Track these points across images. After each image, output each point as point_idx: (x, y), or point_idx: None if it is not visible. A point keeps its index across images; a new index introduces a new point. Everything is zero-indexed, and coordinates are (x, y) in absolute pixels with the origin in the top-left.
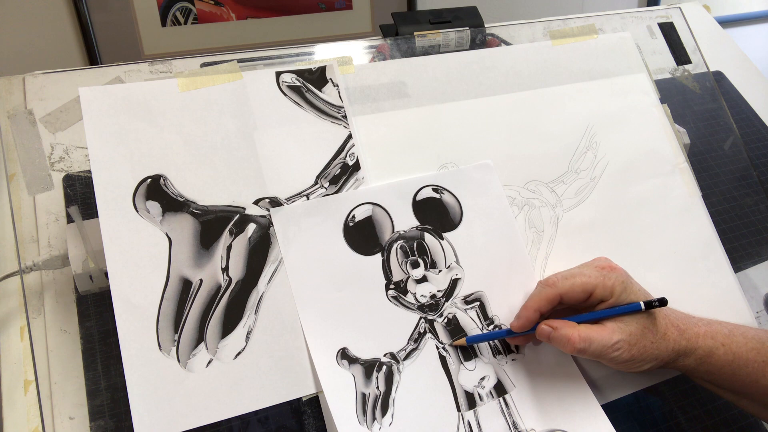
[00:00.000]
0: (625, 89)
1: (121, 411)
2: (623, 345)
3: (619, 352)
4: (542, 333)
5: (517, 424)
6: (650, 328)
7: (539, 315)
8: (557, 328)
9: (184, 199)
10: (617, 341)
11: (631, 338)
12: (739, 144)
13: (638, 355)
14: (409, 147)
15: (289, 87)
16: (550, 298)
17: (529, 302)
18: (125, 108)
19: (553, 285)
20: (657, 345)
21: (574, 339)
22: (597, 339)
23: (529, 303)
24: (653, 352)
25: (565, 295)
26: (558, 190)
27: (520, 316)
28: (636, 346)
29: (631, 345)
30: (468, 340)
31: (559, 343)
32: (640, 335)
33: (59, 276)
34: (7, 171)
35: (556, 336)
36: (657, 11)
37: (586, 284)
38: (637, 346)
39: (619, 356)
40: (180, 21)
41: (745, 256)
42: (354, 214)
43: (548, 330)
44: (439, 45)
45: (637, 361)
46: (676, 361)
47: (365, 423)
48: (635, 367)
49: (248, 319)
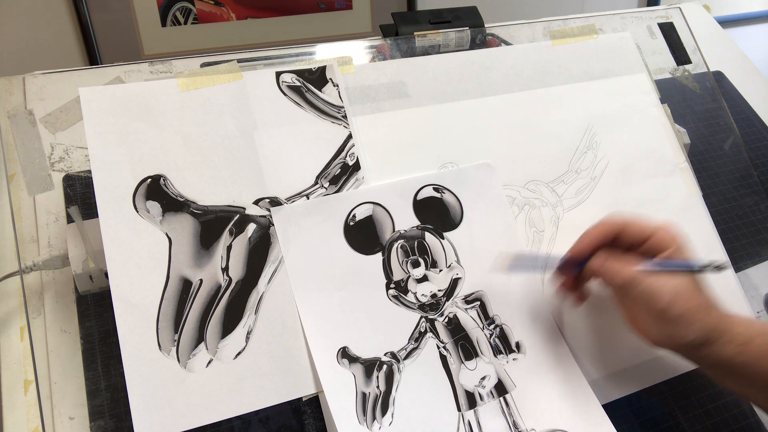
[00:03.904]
0: (625, 89)
1: (121, 411)
2: (677, 297)
3: (672, 303)
4: (594, 262)
5: (517, 424)
6: (702, 291)
7: (598, 244)
8: (610, 258)
9: (184, 199)
10: (672, 289)
11: (686, 293)
12: (739, 144)
13: (688, 315)
14: (409, 147)
15: (289, 87)
16: (611, 224)
17: (588, 232)
18: (125, 108)
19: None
20: (706, 314)
21: (627, 269)
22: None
23: (588, 233)
24: (702, 319)
25: (626, 226)
26: (558, 190)
27: (578, 241)
28: (688, 302)
29: (684, 300)
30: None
31: (611, 272)
32: (693, 291)
33: (59, 276)
34: (7, 171)
35: (608, 265)
36: (657, 11)
37: (647, 226)
38: (689, 304)
39: (671, 308)
40: (180, 21)
41: (745, 256)
42: (354, 214)
43: (603, 258)
44: (439, 45)
45: (684, 323)
46: (714, 344)
47: (365, 422)
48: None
49: (248, 319)
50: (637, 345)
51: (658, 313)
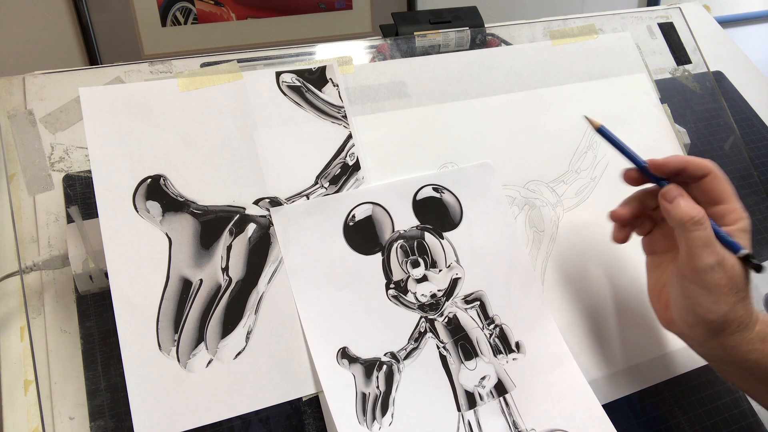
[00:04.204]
0: (625, 89)
1: (121, 411)
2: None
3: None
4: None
5: (517, 424)
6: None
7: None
8: (685, 195)
9: (184, 199)
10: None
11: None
12: (739, 144)
13: (722, 289)
14: (409, 147)
15: (289, 87)
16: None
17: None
18: (125, 108)
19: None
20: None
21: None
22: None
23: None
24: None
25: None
26: (558, 190)
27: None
28: (730, 279)
29: (727, 275)
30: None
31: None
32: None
33: (59, 276)
34: (7, 171)
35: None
36: (657, 11)
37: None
38: (730, 280)
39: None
40: (180, 21)
41: None
42: (354, 214)
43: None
44: (439, 45)
45: (714, 295)
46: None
47: (365, 423)
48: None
49: (248, 319)
50: (638, 345)
51: (698, 271)
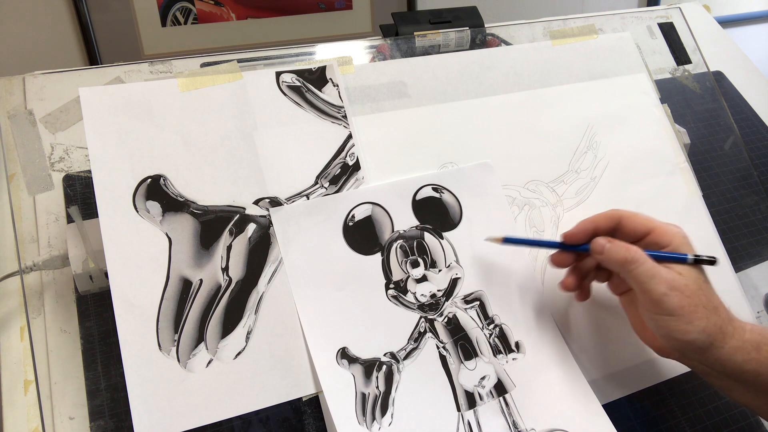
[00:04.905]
0: (625, 89)
1: (121, 411)
2: (675, 288)
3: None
4: (597, 243)
5: (517, 424)
6: (705, 292)
7: (594, 228)
8: (613, 241)
9: (184, 199)
10: (671, 280)
11: (686, 289)
12: (739, 144)
13: (687, 309)
14: (409, 147)
15: (289, 87)
16: (609, 216)
17: (587, 218)
18: (125, 108)
19: (616, 209)
20: (710, 313)
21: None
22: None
23: (587, 218)
24: (705, 318)
25: (625, 220)
26: (558, 190)
27: (576, 225)
28: (689, 298)
29: (684, 295)
30: (506, 239)
31: (615, 249)
32: (695, 289)
33: (59, 276)
34: (7, 171)
35: (611, 246)
36: (657, 11)
37: (648, 220)
38: (689, 299)
39: (668, 298)
40: (180, 21)
41: (746, 256)
42: (353, 214)
43: (603, 241)
44: (439, 45)
45: (683, 318)
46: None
47: (365, 423)
48: (681, 325)
49: (248, 319)
50: (637, 345)
51: (655, 302)
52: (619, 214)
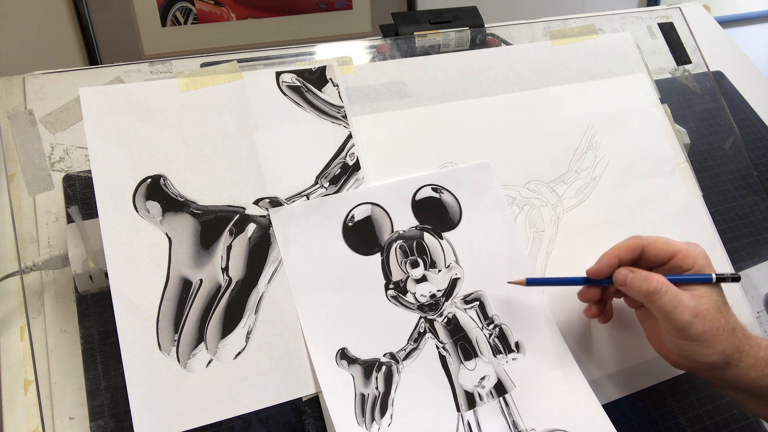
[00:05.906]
0: (625, 89)
1: (121, 411)
2: (699, 315)
3: (694, 320)
4: (620, 275)
5: (517, 424)
6: (724, 314)
7: (617, 261)
8: (636, 271)
9: (184, 199)
10: (695, 306)
11: (708, 314)
12: (739, 144)
13: (710, 334)
14: (409, 147)
15: (289, 87)
16: (631, 246)
17: (609, 250)
18: (125, 108)
19: (637, 236)
20: (729, 335)
21: (654, 277)
22: (675, 291)
23: (609, 250)
24: (724, 340)
25: (648, 247)
26: (558, 190)
27: (600, 261)
28: (711, 322)
29: (706, 319)
30: (529, 281)
31: (638, 281)
32: (716, 313)
33: (59, 276)
34: (7, 171)
35: (633, 277)
36: (657, 11)
37: (670, 244)
38: (711, 324)
39: (692, 326)
40: (180, 21)
41: (746, 256)
42: (353, 214)
43: (626, 272)
44: (439, 45)
45: (706, 342)
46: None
47: (364, 424)
48: (703, 349)
49: (248, 319)
50: (637, 345)
51: (678, 329)
52: (641, 242)
